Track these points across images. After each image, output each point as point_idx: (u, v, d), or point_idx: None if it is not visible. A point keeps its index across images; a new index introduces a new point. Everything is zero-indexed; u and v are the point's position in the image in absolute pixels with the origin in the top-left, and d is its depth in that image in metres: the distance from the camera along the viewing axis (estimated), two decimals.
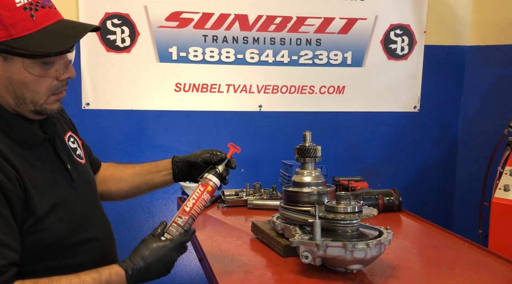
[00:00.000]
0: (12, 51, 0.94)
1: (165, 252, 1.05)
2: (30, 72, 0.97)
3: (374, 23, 2.79)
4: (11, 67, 0.96)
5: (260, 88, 2.74)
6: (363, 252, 1.20)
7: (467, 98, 2.95)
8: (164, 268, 1.07)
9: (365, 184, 2.04)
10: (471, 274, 1.30)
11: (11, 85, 0.97)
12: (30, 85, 0.98)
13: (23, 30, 0.93)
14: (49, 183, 1.03)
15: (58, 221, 1.02)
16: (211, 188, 1.20)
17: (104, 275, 0.99)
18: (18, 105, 1.00)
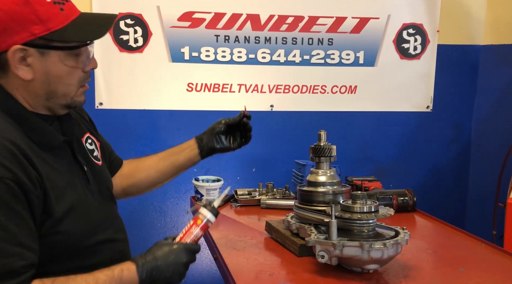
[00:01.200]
0: (49, 45, 0.97)
1: (175, 251, 1.07)
2: (66, 65, 1.00)
3: (387, 22, 2.78)
4: (48, 62, 0.98)
5: (271, 88, 2.73)
6: (380, 252, 1.19)
7: (481, 98, 2.92)
8: (174, 269, 1.06)
9: (378, 184, 2.03)
10: (490, 275, 1.28)
11: (47, 80, 0.99)
12: (64, 78, 1.01)
13: (58, 24, 0.96)
14: (67, 185, 1.04)
15: (75, 223, 1.03)
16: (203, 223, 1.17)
17: (116, 271, 1.01)
18: (49, 99, 1.02)
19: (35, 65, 0.97)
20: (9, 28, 0.93)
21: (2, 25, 0.93)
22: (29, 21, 0.94)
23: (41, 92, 1.01)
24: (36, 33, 0.95)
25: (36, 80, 0.99)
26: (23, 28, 0.94)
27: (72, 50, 1.00)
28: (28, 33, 0.94)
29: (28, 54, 0.96)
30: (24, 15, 0.93)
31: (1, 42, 0.94)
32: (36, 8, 0.94)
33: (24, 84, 0.99)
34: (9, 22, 0.93)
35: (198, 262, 2.69)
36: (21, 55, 0.96)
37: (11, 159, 0.91)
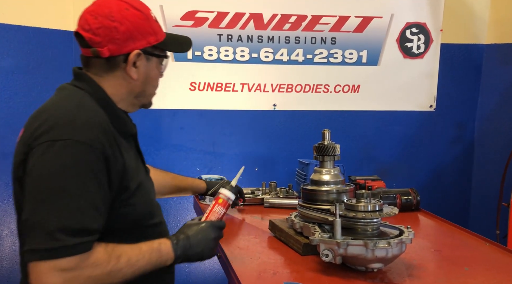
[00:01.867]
0: (153, 53, 1.19)
1: (203, 228, 1.22)
2: (157, 70, 1.23)
3: (390, 21, 2.77)
4: (150, 66, 1.20)
5: (274, 87, 2.73)
6: (384, 251, 1.19)
7: (484, 97, 2.91)
8: (204, 245, 1.20)
9: (382, 183, 2.03)
10: (494, 274, 1.28)
11: (145, 80, 1.20)
12: (154, 81, 1.23)
13: (161, 36, 1.20)
14: (136, 168, 1.18)
15: (141, 200, 1.17)
16: (224, 201, 1.35)
17: (155, 244, 1.14)
18: (138, 97, 1.21)
19: (141, 68, 1.18)
20: (134, 37, 1.14)
21: (129, 34, 1.13)
22: (147, 32, 1.16)
23: (137, 90, 1.20)
24: (151, 42, 1.17)
25: (138, 80, 1.18)
26: (143, 37, 1.16)
27: (162, 59, 1.23)
28: (145, 41, 1.16)
29: (140, 59, 1.17)
30: (145, 27, 1.16)
31: (125, 46, 1.14)
32: (151, 23, 1.18)
33: (127, 83, 1.18)
34: (134, 31, 1.14)
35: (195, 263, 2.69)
36: (135, 59, 1.16)
37: (104, 135, 1.05)
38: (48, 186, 0.98)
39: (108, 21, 1.12)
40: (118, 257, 1.04)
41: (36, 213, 0.97)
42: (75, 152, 1.00)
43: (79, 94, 1.13)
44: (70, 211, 0.97)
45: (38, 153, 1.00)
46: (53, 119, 1.04)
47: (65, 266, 0.96)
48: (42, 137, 1.01)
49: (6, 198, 2.31)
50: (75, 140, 1.00)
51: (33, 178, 1.00)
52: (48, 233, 0.95)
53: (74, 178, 0.99)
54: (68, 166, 0.99)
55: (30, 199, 0.99)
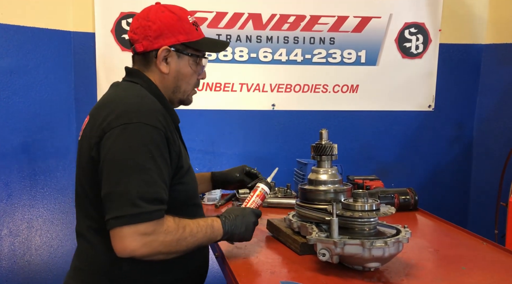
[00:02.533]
0: (184, 51, 1.30)
1: (246, 212, 1.36)
2: (191, 68, 1.33)
3: (389, 21, 2.78)
4: (181, 63, 1.31)
5: (273, 87, 2.74)
6: (381, 250, 1.19)
7: (483, 97, 2.91)
8: (247, 227, 1.32)
9: (380, 183, 2.03)
10: (492, 273, 1.28)
11: (177, 76, 1.32)
12: (187, 78, 1.33)
13: (194, 37, 1.31)
14: (185, 154, 1.32)
15: (191, 180, 1.31)
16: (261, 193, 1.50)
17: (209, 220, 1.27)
18: (174, 92, 1.33)
19: (172, 63, 1.30)
20: (164, 34, 1.27)
21: (160, 31, 1.26)
22: (178, 31, 1.28)
23: (171, 85, 1.32)
24: (180, 40, 1.29)
25: (169, 75, 1.30)
26: (172, 35, 1.27)
27: (197, 58, 1.33)
28: (175, 39, 1.28)
29: (170, 55, 1.29)
30: (176, 27, 1.28)
31: (156, 43, 1.27)
32: (184, 24, 1.29)
33: (161, 77, 1.30)
34: (165, 30, 1.27)
35: None
36: (165, 55, 1.28)
37: (164, 119, 1.19)
38: (126, 162, 1.11)
39: (144, 21, 1.28)
40: (184, 227, 1.18)
41: (119, 185, 1.10)
42: (145, 133, 1.13)
43: (136, 87, 1.27)
44: (147, 182, 1.11)
45: (115, 134, 1.13)
46: (122, 107, 1.17)
47: (144, 231, 1.09)
48: (115, 122, 1.14)
49: (5, 198, 2.32)
50: (144, 123, 1.14)
51: (111, 156, 1.12)
52: (130, 201, 1.08)
53: (147, 154, 1.12)
54: (141, 144, 1.12)
55: (110, 174, 1.12)
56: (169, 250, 1.15)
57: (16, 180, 2.33)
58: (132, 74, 1.32)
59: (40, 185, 2.45)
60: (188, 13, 1.32)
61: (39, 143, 2.41)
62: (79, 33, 2.52)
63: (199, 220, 1.24)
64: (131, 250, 1.08)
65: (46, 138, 2.44)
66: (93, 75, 2.56)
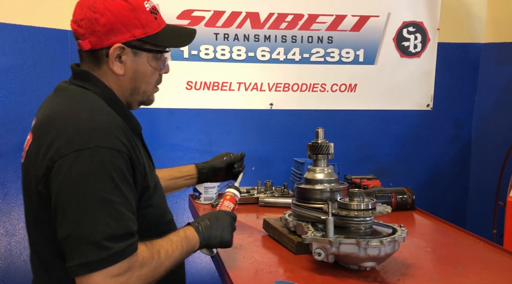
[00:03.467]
0: (142, 47, 1.12)
1: (221, 214, 1.25)
2: (150, 65, 1.15)
3: (387, 20, 2.77)
4: (138, 61, 1.13)
5: (271, 86, 2.73)
6: (377, 249, 1.19)
7: (481, 96, 2.90)
8: (222, 228, 1.22)
9: (377, 182, 2.02)
10: (488, 273, 1.28)
11: (134, 76, 1.14)
12: (147, 77, 1.16)
13: (153, 29, 1.12)
14: (149, 167, 1.17)
15: (159, 199, 1.19)
16: (231, 196, 1.42)
17: (182, 232, 1.16)
18: (132, 94, 1.16)
19: (127, 62, 1.12)
20: (116, 29, 1.08)
21: (111, 26, 1.07)
22: (133, 25, 1.09)
23: (128, 87, 1.15)
24: (136, 35, 1.10)
25: (125, 76, 1.13)
26: (127, 30, 1.09)
27: (156, 53, 1.15)
28: (130, 34, 1.09)
29: (124, 53, 1.10)
30: (130, 19, 1.09)
31: (106, 39, 1.08)
32: (140, 14, 1.10)
33: (115, 78, 1.12)
34: (117, 23, 1.08)
35: (196, 260, 2.69)
36: (118, 53, 1.10)
37: (125, 137, 1.03)
38: (85, 197, 0.95)
39: (90, 12, 1.07)
40: (158, 252, 1.06)
41: (80, 226, 0.94)
42: (104, 159, 0.97)
43: (87, 95, 1.09)
44: (112, 218, 0.96)
45: (67, 165, 0.96)
46: (73, 127, 0.99)
47: (118, 272, 0.96)
48: (66, 148, 0.97)
49: (1, 197, 2.31)
50: (101, 147, 0.97)
51: (66, 192, 0.96)
52: (95, 244, 0.93)
53: (109, 184, 0.97)
54: (101, 173, 0.96)
55: (68, 214, 0.95)
56: (146, 282, 1.03)
57: (12, 179, 2.32)
58: (82, 77, 1.12)
59: None
60: None
61: None
62: None
63: (171, 236, 1.12)
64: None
65: None
66: None
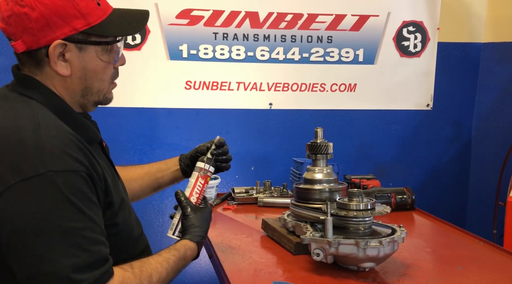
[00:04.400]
0: (87, 40, 0.97)
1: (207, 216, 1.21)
2: (102, 60, 1.00)
3: (387, 20, 2.76)
4: (86, 57, 0.98)
5: (270, 86, 2.72)
6: (376, 250, 1.18)
7: (482, 96, 2.89)
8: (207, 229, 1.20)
9: (377, 182, 2.01)
10: (488, 273, 1.27)
11: (84, 75, 0.99)
12: (99, 74, 1.01)
13: (97, 18, 0.96)
14: (113, 181, 1.04)
15: (126, 215, 1.07)
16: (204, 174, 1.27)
17: (181, 251, 1.10)
18: (84, 96, 1.02)
19: (73, 60, 0.97)
20: (52, 23, 0.92)
21: (45, 20, 0.92)
22: (72, 16, 0.93)
23: (78, 88, 1.00)
24: (78, 28, 0.95)
25: (73, 76, 0.98)
26: (65, 23, 0.93)
27: (106, 45, 1.00)
28: (70, 27, 0.94)
29: (67, 50, 0.96)
30: (67, 9, 0.93)
31: (42, 37, 0.93)
32: (78, 2, 0.94)
33: (62, 81, 0.98)
34: (52, 17, 0.92)
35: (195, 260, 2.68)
36: (60, 51, 0.95)
37: (81, 153, 0.91)
38: (43, 233, 0.83)
39: (18, 6, 0.91)
40: (150, 276, 0.98)
41: (43, 264, 0.83)
42: (60, 184, 0.84)
43: (30, 107, 0.93)
44: (79, 247, 0.86)
45: (16, 196, 0.83)
46: (16, 150, 0.85)
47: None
48: (12, 176, 0.83)
49: None
50: (54, 171, 0.84)
51: (20, 230, 0.84)
52: (64, 280, 0.83)
53: (71, 210, 0.85)
54: (58, 201, 0.84)
55: (27, 251, 0.84)
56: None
57: None
58: (24, 83, 0.96)
59: None
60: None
61: None
62: None
63: (169, 255, 1.05)
64: None
65: None
66: None
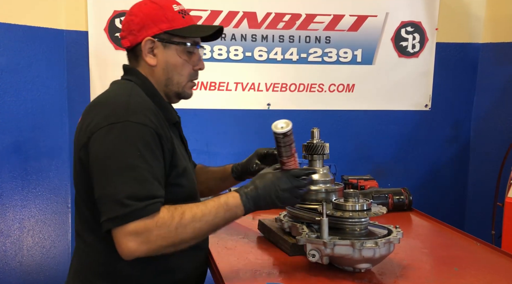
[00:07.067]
0: (171, 40, 1.27)
1: (272, 178, 1.19)
2: (180, 57, 1.28)
3: (385, 20, 2.76)
4: (169, 53, 1.28)
5: (268, 86, 2.71)
6: (372, 251, 1.17)
7: (480, 96, 2.89)
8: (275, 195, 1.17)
9: (374, 182, 2.00)
10: (484, 274, 1.26)
11: (166, 67, 1.28)
12: (178, 68, 1.29)
13: (179, 25, 1.27)
14: (181, 153, 1.28)
15: (188, 183, 1.26)
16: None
17: (222, 199, 1.17)
18: (167, 85, 1.29)
19: (159, 54, 1.27)
20: (146, 25, 1.25)
21: (143, 23, 1.25)
22: (160, 20, 1.25)
23: (162, 77, 1.28)
24: (163, 28, 1.25)
25: (158, 67, 1.27)
26: (155, 25, 1.25)
27: (186, 46, 1.28)
28: (157, 28, 1.25)
29: (155, 46, 1.26)
30: (158, 16, 1.26)
31: (139, 35, 1.26)
32: (167, 12, 1.26)
33: (151, 71, 1.28)
34: (147, 21, 1.25)
35: None
36: (150, 46, 1.26)
37: (155, 116, 1.17)
38: (113, 162, 1.09)
39: (128, 16, 1.28)
40: (182, 213, 1.11)
41: (106, 187, 1.08)
42: (132, 131, 1.11)
43: (128, 85, 1.26)
44: (136, 180, 1.08)
45: (101, 135, 1.12)
46: (110, 107, 1.16)
47: (135, 229, 1.06)
48: (103, 122, 1.12)
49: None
50: (131, 121, 1.11)
51: (99, 158, 1.11)
52: (118, 202, 1.05)
53: (134, 153, 1.09)
54: (128, 143, 1.10)
55: (99, 176, 1.10)
56: (171, 242, 1.09)
57: (7, 180, 2.31)
58: (127, 71, 1.31)
59: (32, 184, 2.43)
60: (173, 2, 1.29)
61: (31, 142, 2.39)
62: (71, 32, 2.50)
63: (209, 200, 1.17)
64: (131, 252, 1.07)
65: (38, 137, 2.42)
66: (86, 74, 2.54)
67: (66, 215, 2.60)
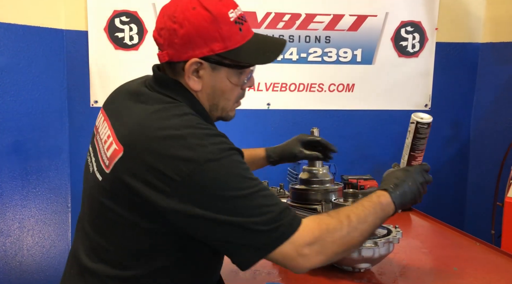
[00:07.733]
0: (222, 62, 1.03)
1: (408, 173, 1.15)
2: (230, 82, 1.05)
3: (385, 20, 2.75)
4: (217, 77, 1.04)
5: (268, 86, 2.72)
6: (371, 251, 1.17)
7: (480, 96, 2.89)
8: (416, 190, 1.13)
9: (374, 182, 2.01)
10: (483, 274, 1.26)
11: (212, 93, 1.06)
12: (226, 93, 1.07)
13: (235, 43, 1.02)
14: None
15: None
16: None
17: (374, 197, 1.09)
18: (211, 111, 1.09)
19: (205, 78, 1.04)
20: (194, 42, 1.00)
21: (189, 38, 0.99)
22: (212, 38, 1.00)
23: (206, 103, 1.07)
24: (216, 50, 1.01)
25: (203, 92, 1.05)
26: (205, 43, 1.00)
27: (238, 69, 1.05)
28: (208, 49, 1.00)
29: (202, 68, 1.02)
30: (210, 32, 0.99)
31: (183, 53, 1.00)
32: (221, 26, 1.00)
33: (194, 93, 1.05)
34: (195, 36, 0.99)
35: None
36: (195, 68, 1.02)
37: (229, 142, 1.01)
38: (237, 195, 0.94)
39: (170, 22, 1.00)
40: (347, 216, 1.02)
41: (240, 215, 0.93)
42: (230, 161, 0.96)
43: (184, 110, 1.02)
44: (266, 197, 0.96)
45: (206, 174, 0.93)
46: (194, 142, 0.95)
47: (305, 240, 0.95)
48: (192, 164, 0.93)
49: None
50: (225, 149, 0.97)
51: (209, 200, 0.93)
52: (267, 224, 0.93)
53: (244, 178, 0.96)
54: (233, 175, 0.96)
55: (221, 214, 0.93)
56: (345, 248, 1.01)
57: (7, 180, 2.31)
58: (169, 85, 1.05)
59: (32, 184, 2.43)
60: (231, 6, 1.01)
61: (31, 142, 2.39)
62: (71, 32, 2.50)
63: (362, 201, 1.08)
64: (309, 264, 0.98)
65: (38, 137, 2.42)
66: (86, 74, 2.54)
67: (66, 215, 2.60)
